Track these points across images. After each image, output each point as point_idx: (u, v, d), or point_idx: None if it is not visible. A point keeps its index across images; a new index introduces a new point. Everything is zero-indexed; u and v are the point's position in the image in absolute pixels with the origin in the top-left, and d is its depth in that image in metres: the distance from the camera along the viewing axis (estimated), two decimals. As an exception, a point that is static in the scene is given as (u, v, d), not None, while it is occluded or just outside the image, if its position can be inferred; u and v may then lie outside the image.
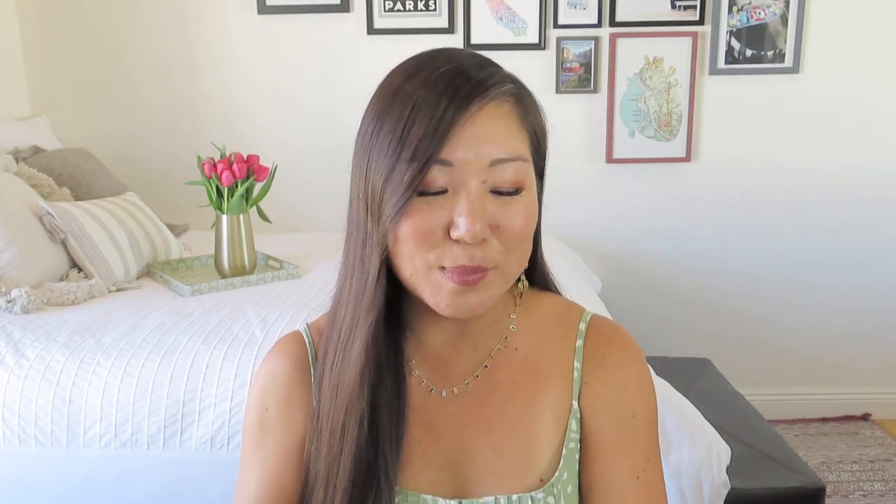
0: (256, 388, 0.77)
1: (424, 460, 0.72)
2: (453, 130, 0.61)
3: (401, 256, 0.65)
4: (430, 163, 0.61)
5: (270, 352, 0.78)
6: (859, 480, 2.32)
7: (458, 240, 0.62)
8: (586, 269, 2.48)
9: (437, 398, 0.74)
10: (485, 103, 0.62)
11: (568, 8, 2.52)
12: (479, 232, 0.61)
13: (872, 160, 2.61)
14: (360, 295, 0.68)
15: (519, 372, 0.74)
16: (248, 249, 1.97)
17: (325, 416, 0.71)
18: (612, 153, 2.61)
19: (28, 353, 1.49)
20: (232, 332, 1.56)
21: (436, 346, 0.74)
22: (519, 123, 0.66)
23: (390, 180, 0.62)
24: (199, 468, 1.43)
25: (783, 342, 2.77)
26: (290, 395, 0.75)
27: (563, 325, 0.77)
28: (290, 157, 2.57)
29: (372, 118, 0.66)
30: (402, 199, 0.61)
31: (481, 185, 0.63)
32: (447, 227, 0.63)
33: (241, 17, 2.59)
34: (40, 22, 2.63)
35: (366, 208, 0.66)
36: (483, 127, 0.62)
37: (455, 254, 0.63)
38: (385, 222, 0.63)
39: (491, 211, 0.63)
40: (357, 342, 0.68)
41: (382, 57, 2.57)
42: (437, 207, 0.63)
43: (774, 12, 2.51)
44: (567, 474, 0.73)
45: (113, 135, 2.69)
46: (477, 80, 0.63)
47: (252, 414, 0.76)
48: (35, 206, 1.91)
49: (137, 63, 2.65)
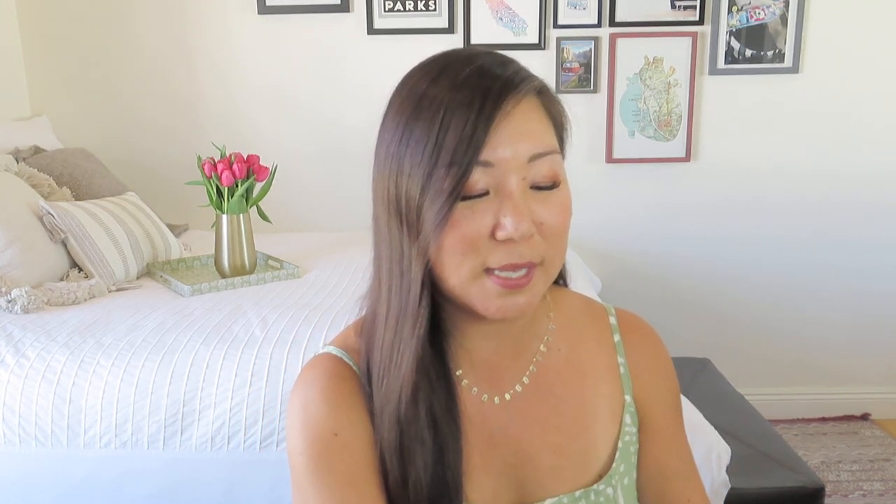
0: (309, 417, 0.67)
1: (484, 469, 0.70)
2: (490, 131, 0.60)
3: (445, 267, 0.63)
4: (471, 166, 0.59)
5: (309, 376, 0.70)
6: (859, 480, 2.33)
7: (505, 240, 0.61)
8: (586, 269, 2.48)
9: (491, 405, 0.72)
10: (518, 100, 0.62)
11: (568, 8, 2.53)
12: (527, 230, 0.61)
13: (872, 160, 2.61)
14: (403, 311, 0.65)
15: (566, 372, 0.75)
16: (248, 249, 1.97)
17: (381, 442, 0.67)
18: (612, 153, 2.61)
19: (28, 352, 1.50)
20: (232, 332, 1.56)
21: (480, 352, 0.73)
22: (547, 117, 0.66)
23: (429, 188, 0.60)
24: (199, 468, 1.43)
25: (783, 342, 2.77)
26: (355, 413, 0.68)
27: (594, 321, 0.79)
28: (290, 156, 2.57)
29: (398, 126, 0.63)
30: (446, 206, 0.60)
31: (522, 182, 0.62)
32: (492, 229, 0.61)
33: (241, 17, 2.59)
34: (40, 22, 2.63)
35: (399, 220, 0.64)
36: (518, 124, 0.62)
37: (500, 254, 0.62)
38: (427, 233, 0.61)
39: (533, 208, 0.62)
40: (405, 359, 0.65)
41: (382, 57, 2.59)
42: (480, 211, 0.61)
43: (774, 12, 2.51)
44: (623, 466, 0.75)
45: (113, 135, 2.69)
46: (504, 78, 0.62)
47: (312, 447, 0.66)
48: (35, 206, 1.91)
49: (137, 63, 2.65)
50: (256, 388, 1.43)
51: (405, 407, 0.65)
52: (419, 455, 0.66)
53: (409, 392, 0.65)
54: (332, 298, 1.77)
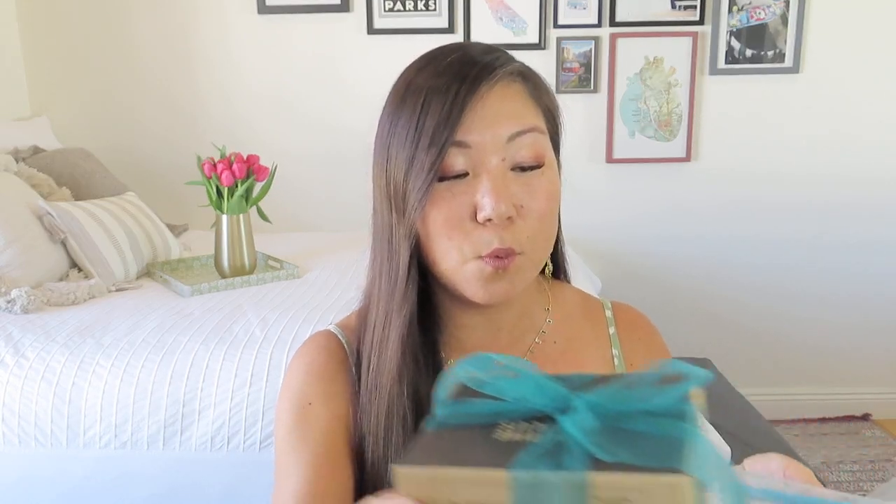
0: (293, 385, 0.73)
1: None
2: (465, 113, 0.62)
3: (435, 251, 0.65)
4: (446, 146, 0.62)
5: (302, 349, 0.76)
6: (859, 480, 2.32)
7: (486, 222, 0.62)
8: (586, 269, 2.48)
9: None
10: (493, 84, 0.64)
11: (568, 8, 2.52)
12: (505, 210, 0.62)
13: (872, 160, 2.61)
14: (392, 291, 0.68)
15: (561, 364, 0.75)
16: (248, 249, 1.97)
17: (366, 420, 0.69)
18: (612, 153, 2.61)
19: (28, 353, 1.49)
20: (232, 332, 1.56)
21: (473, 343, 0.74)
22: (531, 100, 0.67)
23: (412, 170, 0.63)
24: (199, 468, 1.43)
25: (783, 342, 2.77)
26: (333, 386, 0.72)
27: (591, 315, 0.80)
28: (289, 156, 2.56)
29: (388, 116, 0.67)
30: (425, 185, 0.62)
31: (501, 163, 0.63)
32: (473, 210, 0.63)
33: (241, 17, 2.59)
34: (40, 22, 2.63)
35: (389, 204, 0.67)
36: (495, 107, 0.63)
37: (486, 238, 0.63)
38: (410, 212, 0.64)
39: (514, 190, 0.63)
40: (392, 339, 0.68)
41: (382, 57, 2.59)
42: (459, 192, 0.63)
43: (774, 12, 2.51)
44: None
45: (113, 135, 2.69)
46: (483, 63, 0.64)
47: (290, 413, 0.71)
48: (35, 206, 1.91)
49: (137, 63, 2.65)
50: (256, 388, 1.43)
51: (390, 385, 0.67)
52: (401, 436, 0.67)
53: (394, 371, 0.67)
54: (332, 298, 1.77)
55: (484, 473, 0.37)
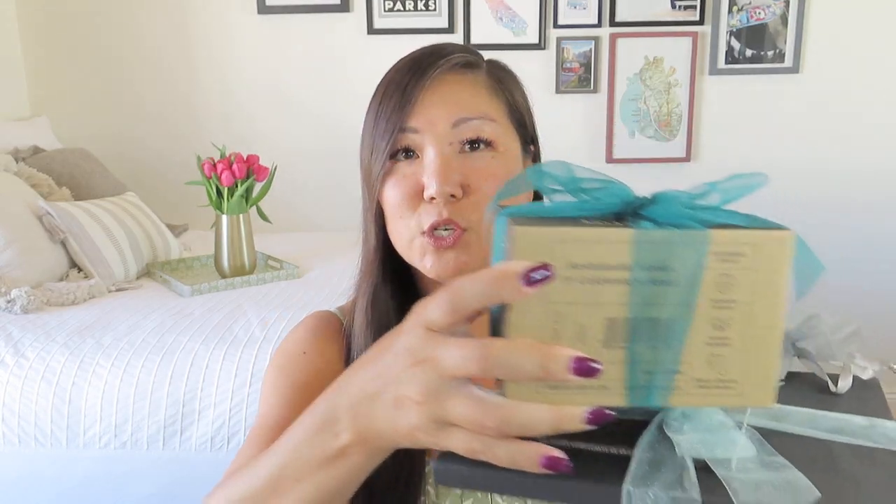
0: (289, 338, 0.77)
1: None
2: (413, 100, 0.67)
3: (393, 232, 0.70)
4: (395, 131, 0.67)
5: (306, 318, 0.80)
6: (859, 480, 2.32)
7: (430, 200, 0.66)
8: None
9: None
10: (442, 73, 0.68)
11: (568, 8, 2.52)
12: (448, 188, 0.65)
13: (872, 160, 2.61)
14: (365, 263, 0.74)
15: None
16: (248, 249, 1.97)
17: None
18: (612, 153, 2.61)
19: (28, 353, 1.49)
20: (232, 332, 1.56)
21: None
22: (489, 92, 0.70)
23: (374, 152, 0.70)
24: (199, 468, 1.43)
25: (783, 342, 2.77)
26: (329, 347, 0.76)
27: None
28: (289, 156, 2.56)
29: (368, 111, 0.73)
30: (380, 164, 0.68)
31: (448, 146, 0.67)
32: (422, 190, 0.67)
33: (241, 17, 2.59)
34: (40, 22, 2.63)
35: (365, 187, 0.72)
36: (443, 94, 0.68)
37: (430, 213, 0.66)
38: (373, 192, 0.70)
39: (461, 170, 0.66)
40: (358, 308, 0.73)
41: (382, 57, 2.56)
42: (409, 173, 0.68)
43: (774, 12, 2.51)
44: None
45: (113, 135, 2.69)
46: (438, 55, 0.69)
47: (282, 356, 0.75)
48: (35, 206, 1.91)
49: (137, 63, 2.65)
50: (256, 388, 1.43)
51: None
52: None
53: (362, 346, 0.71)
54: (332, 298, 1.77)
55: (607, 231, 0.38)
